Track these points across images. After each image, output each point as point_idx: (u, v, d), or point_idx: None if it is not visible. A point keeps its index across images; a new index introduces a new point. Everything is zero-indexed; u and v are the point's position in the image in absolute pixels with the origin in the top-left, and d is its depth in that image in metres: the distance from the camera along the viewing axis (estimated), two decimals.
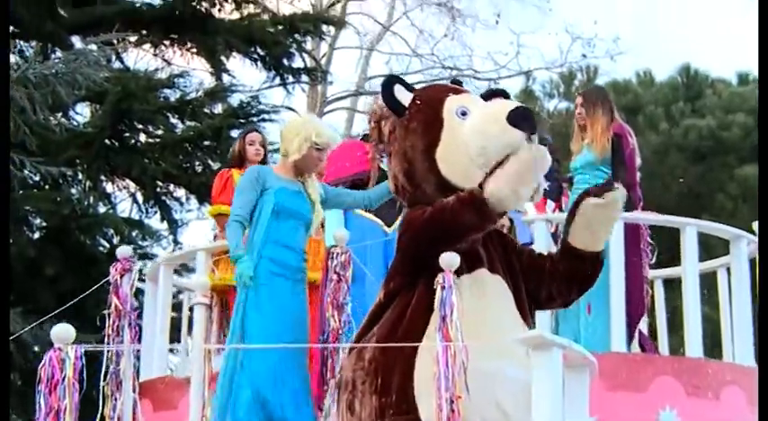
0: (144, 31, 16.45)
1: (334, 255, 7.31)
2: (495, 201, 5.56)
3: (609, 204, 5.77)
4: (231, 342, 6.79)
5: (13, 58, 15.47)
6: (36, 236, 15.17)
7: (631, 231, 7.75)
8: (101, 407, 6.41)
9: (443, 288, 5.34)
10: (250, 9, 17.59)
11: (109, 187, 16.53)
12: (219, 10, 17.19)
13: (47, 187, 15.00)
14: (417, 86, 6.35)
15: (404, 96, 6.07)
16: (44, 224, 14.96)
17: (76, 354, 4.98)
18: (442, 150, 5.86)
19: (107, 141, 15.46)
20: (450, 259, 5.41)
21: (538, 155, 5.56)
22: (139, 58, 18.03)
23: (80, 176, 15.91)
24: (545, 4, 23.99)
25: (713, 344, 8.61)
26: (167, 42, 16.96)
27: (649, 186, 7.87)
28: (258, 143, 9.16)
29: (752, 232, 7.94)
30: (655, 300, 8.90)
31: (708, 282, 8.66)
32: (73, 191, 15.88)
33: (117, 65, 16.76)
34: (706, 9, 37.89)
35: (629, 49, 23.45)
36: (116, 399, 6.43)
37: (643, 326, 8.06)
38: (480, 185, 5.62)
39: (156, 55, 17.72)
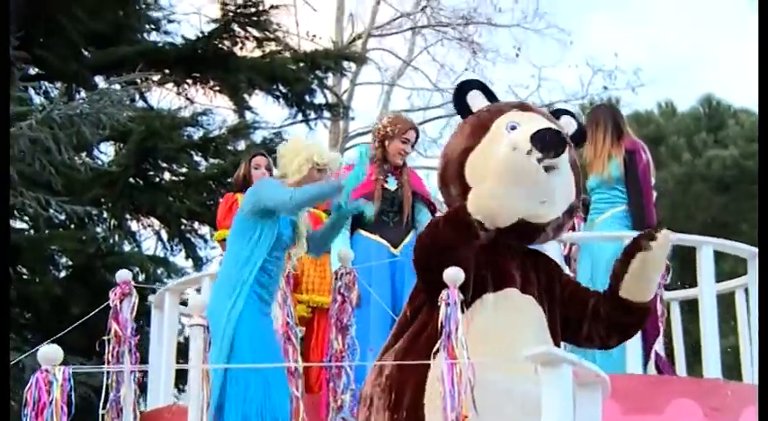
0: (167, 71, 16.22)
1: (339, 276, 7.08)
2: (478, 214, 5.23)
3: (657, 254, 5.39)
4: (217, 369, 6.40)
5: (38, 99, 15.45)
6: (62, 274, 14.89)
7: None
8: None
9: (447, 304, 5.01)
10: (271, 47, 17.29)
11: (134, 225, 16.27)
12: (241, 48, 16.99)
13: (72, 226, 14.73)
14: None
15: (477, 103, 5.81)
16: (70, 263, 14.70)
17: (64, 376, 4.62)
18: (473, 156, 5.57)
19: (131, 180, 15.24)
20: (454, 275, 5.07)
21: (510, 157, 5.21)
22: (162, 96, 17.70)
23: (105, 215, 15.69)
24: (565, 38, 23.91)
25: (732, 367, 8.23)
26: (190, 81, 16.71)
27: (673, 216, 7.50)
28: (264, 167, 8.95)
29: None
30: (671, 323, 8.49)
31: (726, 303, 8.27)
32: (98, 229, 15.57)
33: (140, 104, 16.50)
34: (726, 39, 37.72)
35: (650, 81, 23.32)
36: None
37: (660, 348, 7.58)
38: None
39: (179, 93, 17.39)
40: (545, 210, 5.48)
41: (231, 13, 16.88)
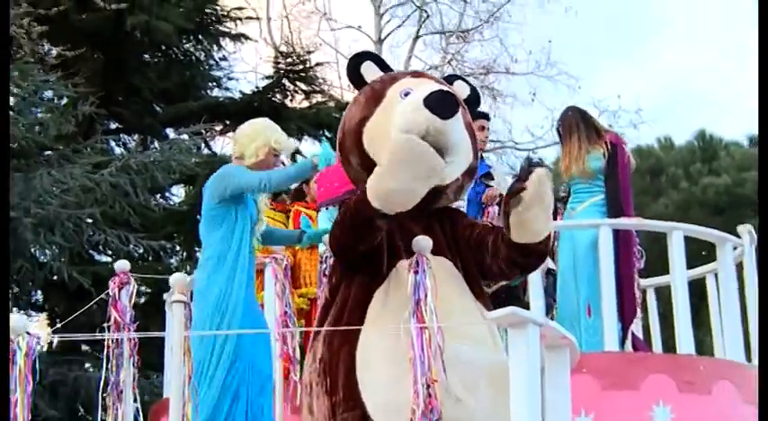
0: (227, 122, 16.28)
1: (324, 259, 6.79)
2: (376, 200, 4.83)
3: (531, 199, 4.91)
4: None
5: (117, 150, 15.60)
6: (142, 300, 14.31)
7: (621, 237, 7.13)
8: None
9: (416, 272, 4.66)
10: (317, 98, 17.37)
11: None
12: (291, 100, 17.18)
13: (149, 259, 14.65)
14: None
15: (370, 73, 5.41)
16: (148, 290, 14.49)
17: (29, 345, 4.26)
18: (369, 124, 5.19)
19: (199, 217, 14.83)
20: (423, 242, 4.77)
21: (403, 140, 4.78)
22: (225, 144, 17.68)
23: (177, 248, 15.84)
24: (574, 83, 23.28)
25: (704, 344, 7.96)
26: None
27: None
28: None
29: (736, 235, 7.46)
30: (648, 308, 8.34)
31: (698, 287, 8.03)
32: (172, 260, 15.67)
33: (205, 151, 16.55)
34: (717, 82, 37.51)
35: (649, 119, 23.13)
36: (117, 409, 5.87)
37: (636, 328, 7.52)
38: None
39: None
40: (445, 174, 5.03)
41: (282, 71, 17.11)
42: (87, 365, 14.21)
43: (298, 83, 17.27)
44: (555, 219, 8.57)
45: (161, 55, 15.60)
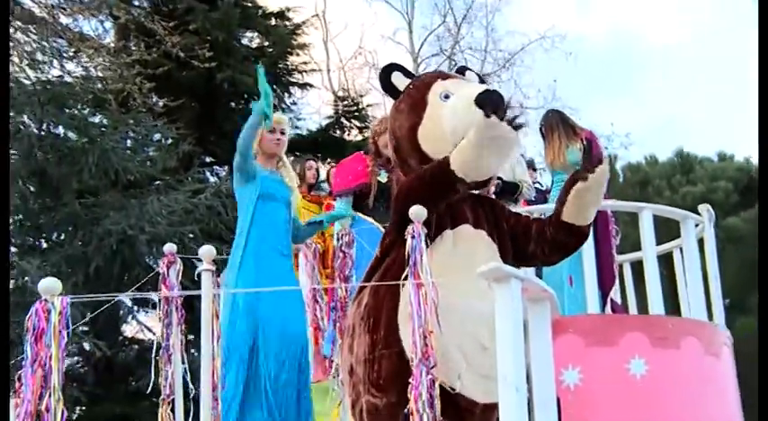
0: (297, 154, 15.53)
1: (340, 237, 6.48)
2: (458, 170, 4.38)
3: (593, 185, 4.61)
4: (226, 310, 5.79)
5: (211, 178, 15.46)
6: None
7: (599, 216, 6.58)
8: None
9: (413, 237, 4.32)
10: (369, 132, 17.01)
11: None
12: (348, 135, 17.06)
13: None
14: None
15: (400, 82, 4.90)
16: None
17: (63, 304, 3.88)
18: (423, 129, 4.70)
19: None
20: (417, 211, 4.42)
21: (491, 124, 4.26)
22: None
23: None
24: (575, 114, 23.64)
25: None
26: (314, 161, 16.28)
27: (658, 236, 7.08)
28: (314, 169, 8.60)
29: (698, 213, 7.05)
30: (624, 280, 7.86)
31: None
32: None
33: None
34: (691, 107, 37.25)
35: (637, 141, 23.17)
36: (167, 371, 5.48)
37: (615, 295, 7.07)
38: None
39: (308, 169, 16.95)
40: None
41: (340, 112, 17.09)
42: None
43: (353, 121, 17.31)
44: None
45: (244, 102, 15.39)
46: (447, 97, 4.72)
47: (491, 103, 4.44)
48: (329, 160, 15.84)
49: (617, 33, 35.31)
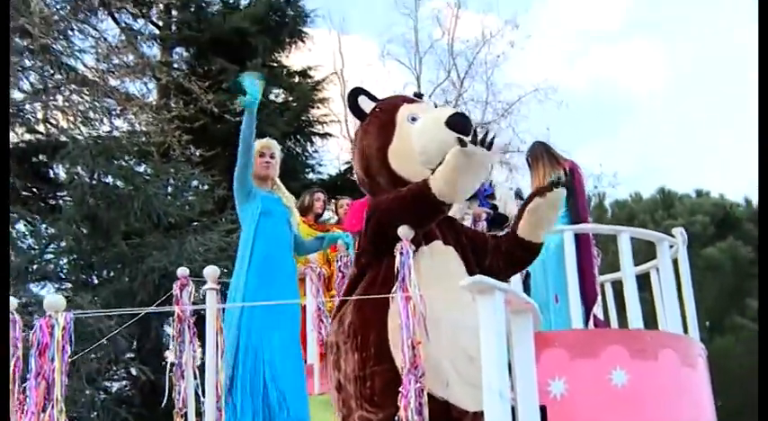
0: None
1: (339, 258, 6.35)
2: (439, 194, 4.09)
3: (547, 203, 4.41)
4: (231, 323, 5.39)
5: None
6: None
7: (581, 239, 6.43)
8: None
9: (402, 254, 4.07)
10: None
11: None
12: None
13: None
14: None
15: (367, 105, 4.63)
16: None
17: (66, 320, 3.63)
18: (393, 149, 4.42)
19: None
20: (405, 231, 4.15)
21: (470, 151, 4.00)
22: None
23: None
24: (567, 156, 23.38)
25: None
26: (334, 201, 16.12)
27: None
28: (322, 200, 8.27)
29: (671, 236, 6.73)
30: (606, 299, 7.49)
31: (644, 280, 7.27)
32: None
33: None
34: (671, 150, 37.15)
35: (624, 180, 23.00)
36: (180, 385, 5.19)
37: (598, 312, 6.70)
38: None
39: (326, 209, 16.79)
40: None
41: None
42: None
43: None
44: None
45: None
46: (414, 119, 4.47)
47: (461, 125, 4.22)
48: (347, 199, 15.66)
49: (602, 83, 35.36)
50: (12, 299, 3.82)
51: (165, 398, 5.08)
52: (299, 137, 16.07)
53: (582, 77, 33.57)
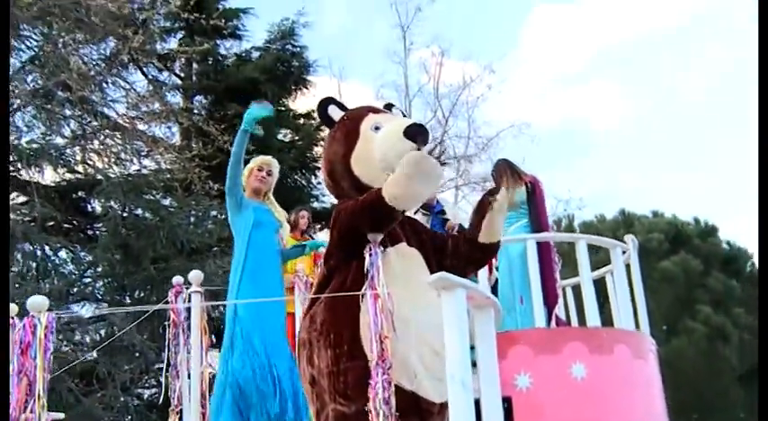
0: (323, 222, 14.97)
1: (319, 264, 5.60)
2: (390, 200, 3.78)
3: (497, 206, 4.12)
4: (227, 334, 5.01)
5: None
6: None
7: (543, 246, 6.14)
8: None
9: (371, 255, 3.81)
10: None
11: None
12: None
13: None
14: None
15: (335, 113, 4.31)
16: None
17: (48, 320, 3.35)
18: (355, 156, 4.13)
19: None
20: (375, 236, 3.87)
21: (420, 157, 3.76)
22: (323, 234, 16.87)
23: None
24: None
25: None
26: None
27: None
28: (307, 218, 7.93)
29: (623, 242, 6.44)
30: (567, 301, 7.02)
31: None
32: None
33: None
34: (631, 177, 36.98)
35: (589, 203, 22.88)
36: (175, 385, 4.89)
37: (559, 312, 6.33)
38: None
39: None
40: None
41: None
42: None
43: None
44: None
45: (280, 183, 14.93)
46: (377, 129, 4.16)
47: (417, 133, 3.97)
48: None
49: (570, 120, 35.34)
50: (12, 306, 3.55)
51: (162, 396, 4.72)
52: (304, 171, 15.84)
53: (552, 114, 33.57)
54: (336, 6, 34.57)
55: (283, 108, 15.80)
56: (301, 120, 16.37)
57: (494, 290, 6.43)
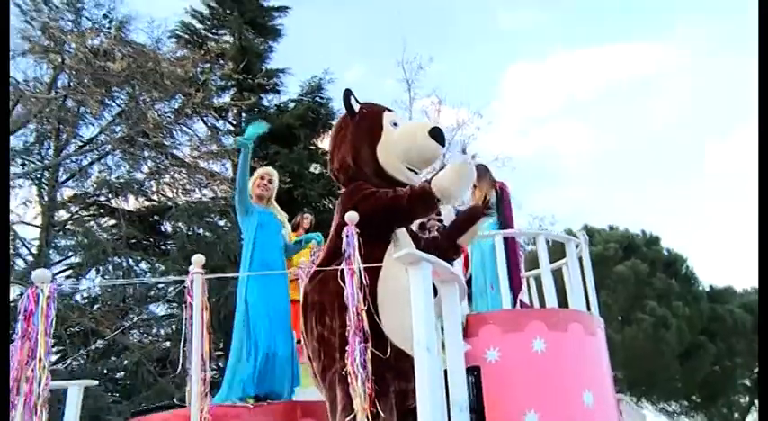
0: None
1: (313, 253, 5.44)
2: (440, 195, 3.48)
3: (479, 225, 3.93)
4: (239, 315, 4.63)
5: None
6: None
7: (509, 241, 5.66)
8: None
9: (347, 236, 3.44)
10: None
11: None
12: None
13: None
14: None
15: (356, 104, 3.97)
16: None
17: (50, 290, 2.92)
18: (381, 146, 3.79)
19: None
20: (353, 216, 3.48)
21: (468, 161, 3.52)
22: None
23: None
24: (519, 205, 22.65)
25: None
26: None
27: None
28: (309, 220, 7.42)
29: (575, 236, 5.92)
30: (531, 290, 6.55)
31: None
32: None
33: None
34: (592, 200, 36.44)
35: (559, 222, 22.19)
36: (190, 357, 4.08)
37: (524, 297, 5.87)
38: (429, 182, 3.53)
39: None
40: None
41: None
42: None
43: None
44: None
45: (313, 208, 14.59)
46: (395, 125, 3.89)
47: (442, 137, 3.75)
48: None
49: (544, 152, 34.90)
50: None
51: (180, 367, 4.30)
52: (331, 198, 15.47)
53: (528, 149, 33.20)
54: (355, 66, 34.72)
55: (313, 146, 15.48)
56: (328, 157, 16.13)
57: (468, 283, 6.00)
